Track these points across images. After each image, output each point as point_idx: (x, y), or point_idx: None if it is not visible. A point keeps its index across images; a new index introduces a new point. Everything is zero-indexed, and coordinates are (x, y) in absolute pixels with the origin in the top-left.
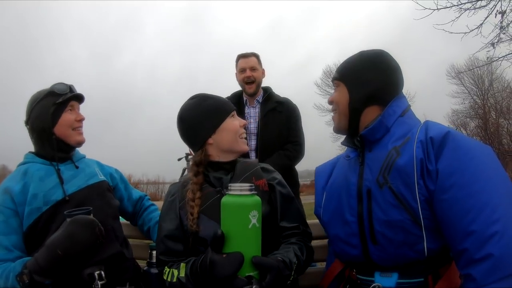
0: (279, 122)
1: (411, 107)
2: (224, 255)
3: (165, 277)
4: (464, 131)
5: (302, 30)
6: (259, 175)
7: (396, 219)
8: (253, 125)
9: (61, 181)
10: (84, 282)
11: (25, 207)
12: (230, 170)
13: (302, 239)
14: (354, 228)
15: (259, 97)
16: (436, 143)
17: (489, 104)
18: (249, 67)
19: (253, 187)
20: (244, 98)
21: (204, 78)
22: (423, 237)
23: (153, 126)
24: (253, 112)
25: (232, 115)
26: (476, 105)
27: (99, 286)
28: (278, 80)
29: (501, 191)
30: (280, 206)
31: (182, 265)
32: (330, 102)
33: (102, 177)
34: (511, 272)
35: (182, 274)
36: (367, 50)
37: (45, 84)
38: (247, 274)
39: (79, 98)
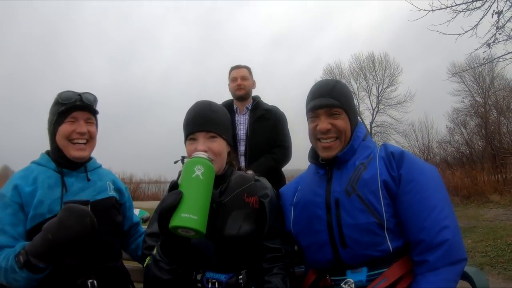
0: (267, 129)
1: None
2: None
3: (145, 264)
4: (464, 130)
5: (308, 35)
6: (251, 192)
7: (363, 222)
8: (242, 132)
9: (62, 195)
10: None
11: (30, 209)
12: (220, 183)
13: (284, 266)
14: (325, 236)
15: (249, 105)
16: (397, 156)
17: (490, 103)
18: (240, 77)
19: (209, 157)
20: (235, 106)
21: (213, 82)
22: (386, 237)
23: (160, 127)
24: (242, 119)
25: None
26: (476, 104)
27: None
28: (285, 83)
29: (444, 197)
30: (268, 225)
31: (156, 246)
32: (328, 130)
33: (111, 193)
34: (459, 258)
35: (154, 252)
36: (336, 79)
37: (56, 85)
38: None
39: (83, 108)
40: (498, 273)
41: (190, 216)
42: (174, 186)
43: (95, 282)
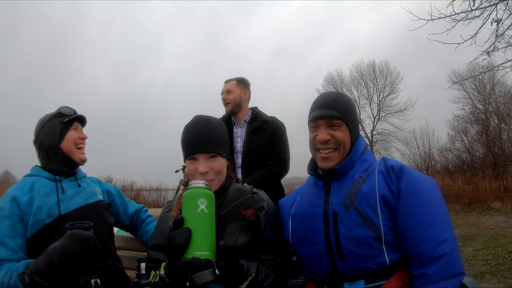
0: (264, 140)
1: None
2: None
3: (151, 280)
4: (465, 138)
5: (310, 45)
6: (248, 205)
7: (361, 235)
8: (239, 144)
9: (58, 200)
10: None
11: (29, 217)
12: (218, 196)
13: (276, 268)
14: (322, 247)
15: (247, 117)
16: (396, 170)
17: (490, 109)
18: (225, 91)
19: (208, 184)
20: (233, 119)
21: (215, 92)
22: (384, 251)
23: (162, 135)
24: (240, 132)
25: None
26: (477, 111)
27: None
28: (286, 93)
29: (443, 211)
30: (262, 238)
31: (163, 264)
32: (327, 141)
33: (100, 197)
34: (457, 272)
35: (162, 272)
36: (340, 92)
37: (60, 93)
38: (204, 258)
39: (82, 120)
40: (498, 282)
41: (203, 253)
42: (179, 221)
43: (98, 281)
